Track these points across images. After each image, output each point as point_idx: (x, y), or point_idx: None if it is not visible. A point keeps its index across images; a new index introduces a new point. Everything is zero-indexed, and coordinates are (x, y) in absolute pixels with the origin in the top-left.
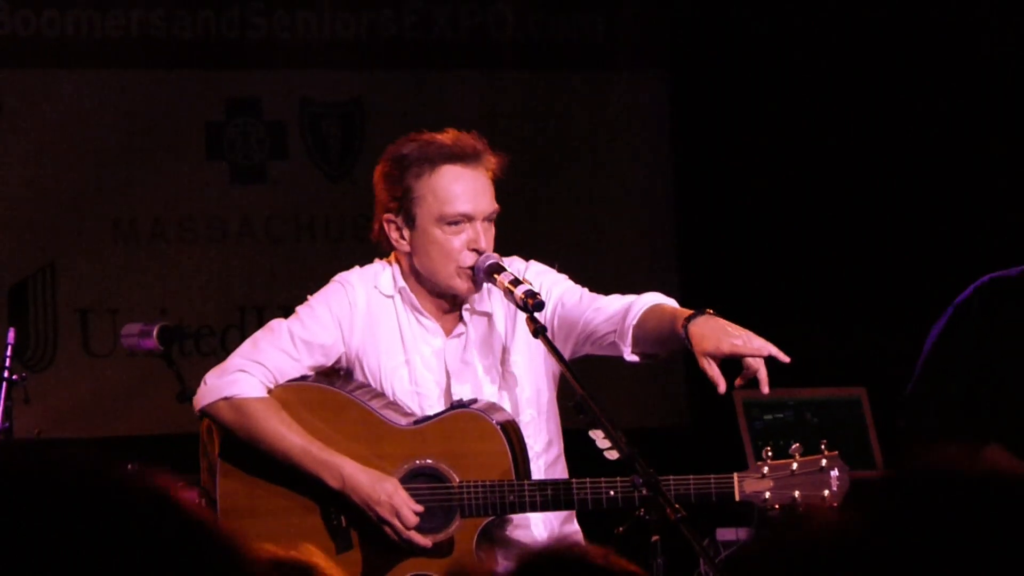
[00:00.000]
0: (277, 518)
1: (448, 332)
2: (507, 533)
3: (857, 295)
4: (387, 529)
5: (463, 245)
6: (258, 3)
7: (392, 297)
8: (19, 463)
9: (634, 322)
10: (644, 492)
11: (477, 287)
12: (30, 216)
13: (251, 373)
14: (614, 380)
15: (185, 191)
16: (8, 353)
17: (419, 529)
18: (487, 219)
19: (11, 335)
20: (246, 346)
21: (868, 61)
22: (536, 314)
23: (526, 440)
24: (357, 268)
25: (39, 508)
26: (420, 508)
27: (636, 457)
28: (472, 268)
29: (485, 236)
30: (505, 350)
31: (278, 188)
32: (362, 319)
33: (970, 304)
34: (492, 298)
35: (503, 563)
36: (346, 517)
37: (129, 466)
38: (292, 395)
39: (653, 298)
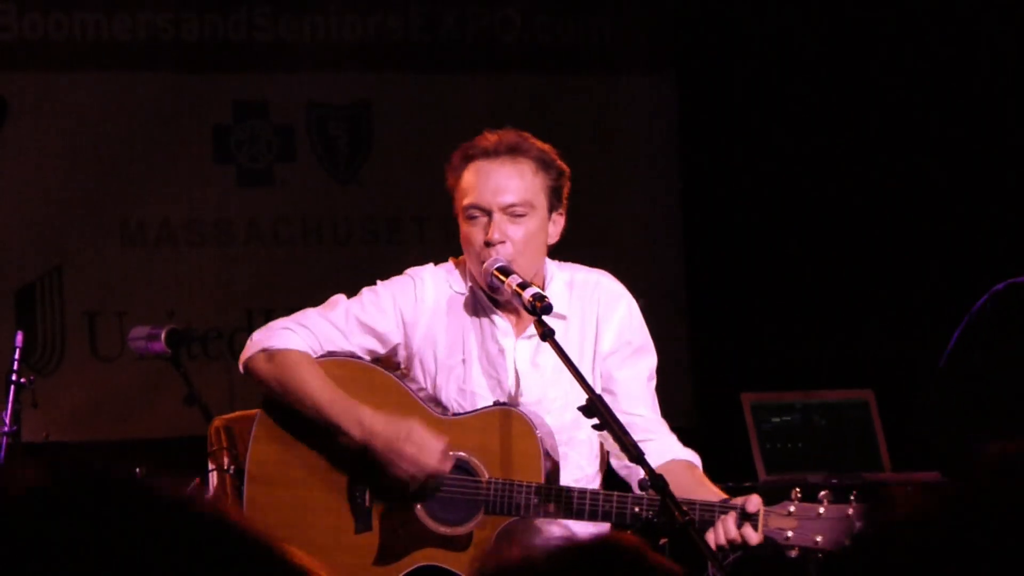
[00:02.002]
0: (303, 489)
1: (520, 333)
2: (527, 537)
3: (864, 298)
4: (406, 465)
5: (480, 237)
6: (265, 6)
7: (463, 294)
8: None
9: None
10: (647, 512)
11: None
12: (38, 219)
13: (295, 332)
14: None
15: (192, 194)
16: (16, 356)
17: (440, 519)
18: (508, 212)
19: (19, 338)
20: (298, 313)
21: (876, 63)
22: (544, 317)
23: (580, 460)
24: (431, 264)
25: (92, 520)
26: (444, 441)
27: (644, 460)
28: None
29: (504, 228)
30: (579, 358)
31: (285, 191)
32: (428, 315)
33: (985, 310)
34: (571, 301)
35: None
36: (370, 496)
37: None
38: (336, 368)
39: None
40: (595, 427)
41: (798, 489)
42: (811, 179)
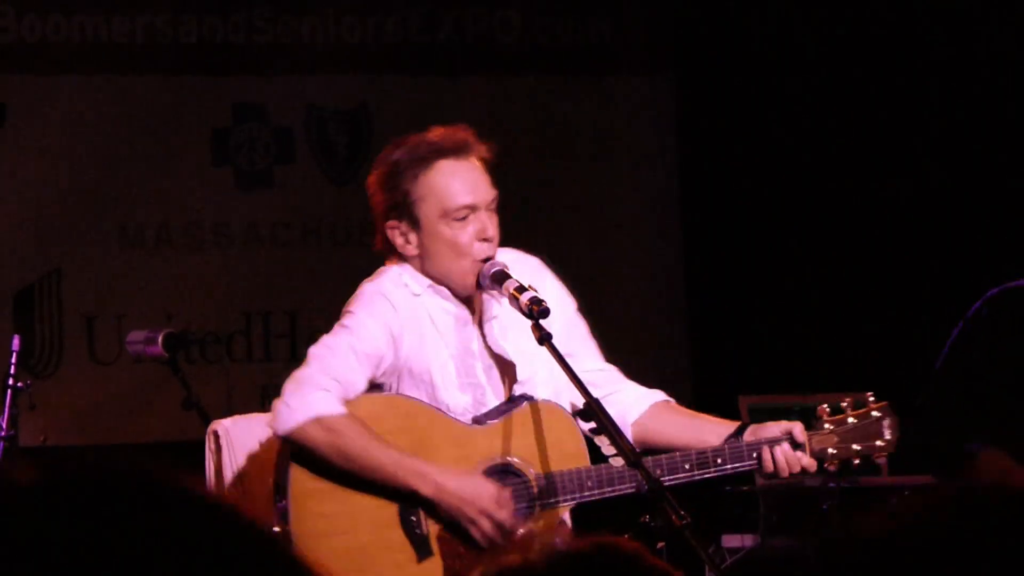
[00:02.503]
0: (354, 534)
1: (477, 319)
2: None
3: (863, 300)
4: (485, 524)
5: (472, 237)
6: (264, 8)
7: (420, 295)
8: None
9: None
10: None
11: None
12: (35, 221)
13: (330, 390)
14: None
15: (191, 197)
16: (13, 360)
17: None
18: (489, 208)
19: (16, 341)
20: (312, 366)
21: (876, 65)
22: (542, 321)
23: None
24: (380, 277)
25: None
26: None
27: (641, 463)
28: (482, 261)
29: (491, 224)
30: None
31: (284, 193)
32: (406, 324)
33: (980, 314)
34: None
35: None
36: (428, 526)
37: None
38: (358, 409)
39: (650, 397)
40: (592, 431)
41: (826, 406)
42: (811, 181)
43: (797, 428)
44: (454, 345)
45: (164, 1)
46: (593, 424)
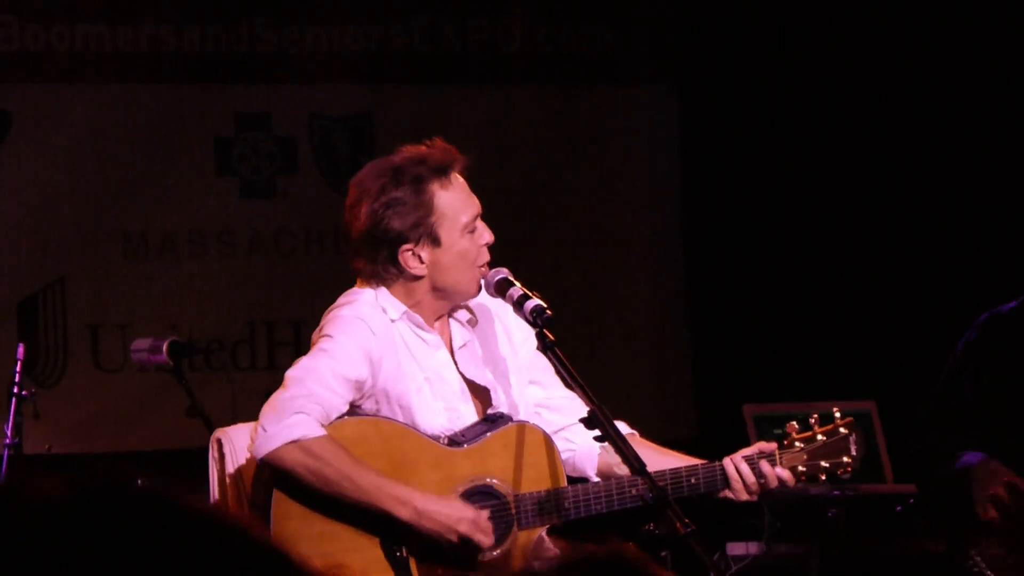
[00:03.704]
0: (337, 557)
1: (447, 343)
2: (556, 546)
3: (867, 309)
4: (464, 547)
5: (481, 244)
6: (267, 17)
7: (396, 320)
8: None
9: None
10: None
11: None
12: (40, 231)
13: (309, 414)
14: (622, 393)
15: (195, 206)
16: (18, 368)
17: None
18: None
19: (20, 350)
20: (291, 390)
21: (879, 76)
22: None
23: None
24: (356, 302)
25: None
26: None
27: (645, 471)
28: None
29: (488, 230)
30: (504, 354)
31: (287, 202)
32: (384, 348)
33: (970, 339)
34: (476, 308)
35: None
36: (407, 548)
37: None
38: (338, 431)
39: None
40: (597, 439)
41: (795, 423)
42: (813, 189)
43: (767, 444)
44: (428, 369)
45: (167, 10)
46: (598, 432)
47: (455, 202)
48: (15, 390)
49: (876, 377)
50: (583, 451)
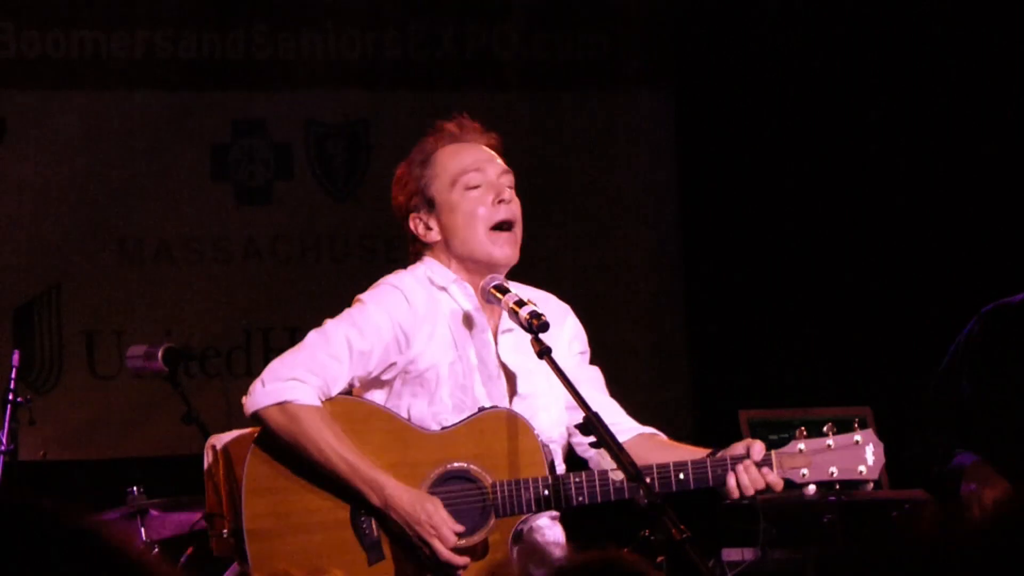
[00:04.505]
0: (306, 534)
1: (494, 327)
2: (537, 535)
3: (862, 315)
4: (425, 549)
5: (488, 203)
6: (263, 24)
7: (445, 288)
8: None
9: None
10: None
11: (513, 257)
12: (35, 237)
13: (306, 382)
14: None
15: (191, 212)
16: (13, 375)
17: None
18: (506, 176)
19: (16, 357)
20: (302, 353)
21: (875, 81)
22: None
23: (558, 458)
24: (402, 272)
25: None
26: (460, 528)
27: (641, 477)
28: (499, 229)
29: (507, 189)
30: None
31: (284, 209)
32: (421, 321)
33: (974, 330)
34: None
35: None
36: (378, 528)
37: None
38: (329, 406)
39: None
40: (592, 444)
41: (803, 428)
42: (810, 196)
43: (756, 446)
44: (464, 348)
45: (163, 17)
46: (593, 438)
47: (449, 161)
48: (10, 396)
49: (872, 383)
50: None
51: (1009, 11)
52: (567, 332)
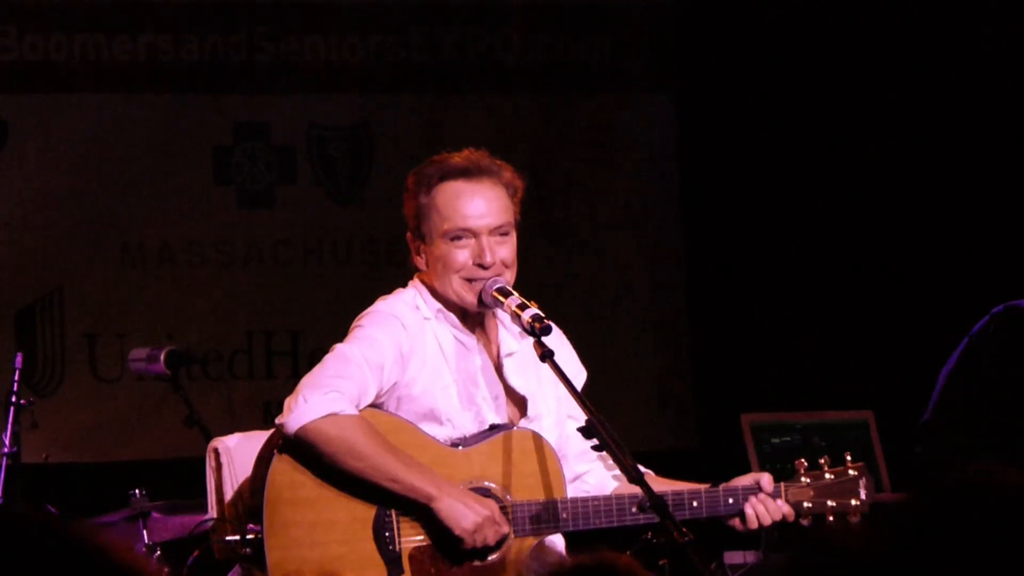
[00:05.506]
0: (328, 547)
1: (487, 349)
2: (553, 555)
3: (865, 318)
4: (481, 534)
5: (467, 259)
6: (266, 27)
7: (429, 319)
8: None
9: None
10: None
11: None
12: (38, 240)
13: (343, 393)
14: (622, 403)
15: (193, 215)
16: (16, 378)
17: (471, 551)
18: (496, 232)
19: (19, 360)
20: (329, 368)
21: (877, 85)
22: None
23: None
24: (393, 297)
25: None
26: (507, 529)
27: (643, 480)
28: (473, 282)
29: (495, 250)
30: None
31: (286, 212)
32: (415, 345)
33: (985, 332)
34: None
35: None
36: (401, 543)
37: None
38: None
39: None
40: (595, 448)
41: (803, 460)
42: (812, 198)
43: (765, 478)
44: (457, 372)
45: (166, 20)
46: (595, 441)
47: (445, 206)
48: (13, 399)
49: (874, 387)
50: (596, 488)
51: (1009, 11)
52: (567, 355)
